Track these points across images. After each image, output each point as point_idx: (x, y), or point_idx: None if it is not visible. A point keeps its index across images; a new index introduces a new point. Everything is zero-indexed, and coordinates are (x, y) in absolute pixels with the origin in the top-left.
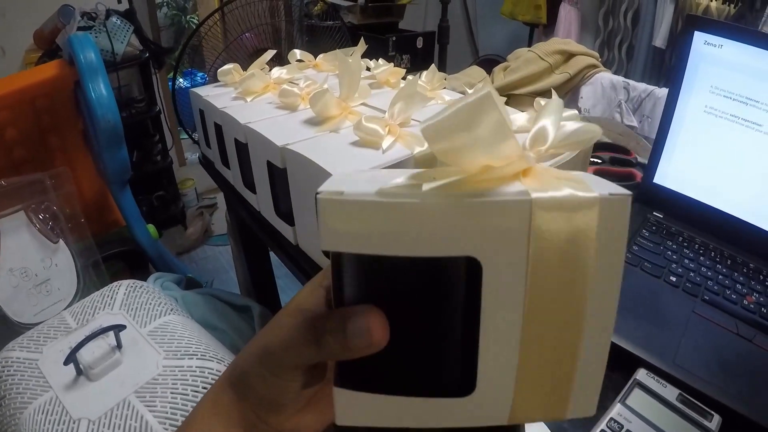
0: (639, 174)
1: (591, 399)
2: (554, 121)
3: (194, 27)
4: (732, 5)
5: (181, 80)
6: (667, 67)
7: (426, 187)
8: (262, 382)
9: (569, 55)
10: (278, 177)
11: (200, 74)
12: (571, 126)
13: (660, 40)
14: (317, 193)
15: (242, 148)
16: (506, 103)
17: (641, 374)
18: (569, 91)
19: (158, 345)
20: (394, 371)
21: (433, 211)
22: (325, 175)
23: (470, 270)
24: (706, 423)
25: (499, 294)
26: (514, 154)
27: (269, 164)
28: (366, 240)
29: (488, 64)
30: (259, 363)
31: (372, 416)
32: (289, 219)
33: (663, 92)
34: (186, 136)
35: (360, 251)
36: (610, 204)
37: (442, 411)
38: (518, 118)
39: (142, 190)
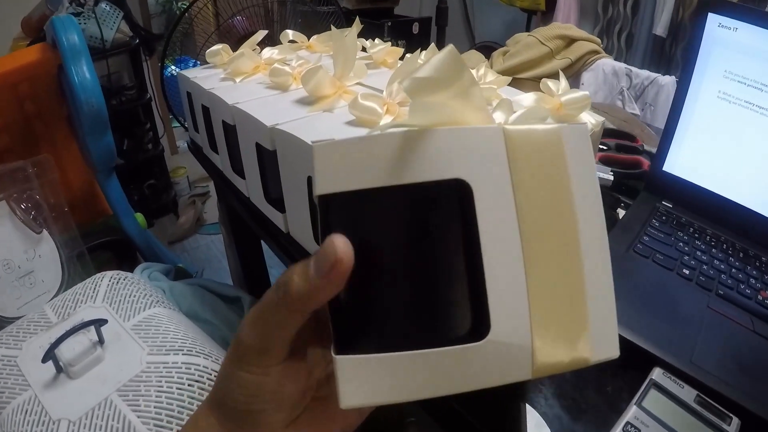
0: (646, 162)
1: (611, 338)
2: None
3: (186, 14)
4: None
5: (173, 67)
6: (668, 56)
7: (411, 120)
8: (239, 387)
9: (570, 41)
10: (268, 160)
11: (192, 61)
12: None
13: (661, 29)
14: (312, 142)
15: (230, 131)
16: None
17: (657, 374)
18: (570, 77)
19: (142, 340)
20: (399, 324)
21: (420, 138)
22: None
23: (460, 203)
24: (724, 426)
25: (493, 216)
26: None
27: (258, 147)
28: (361, 176)
29: (485, 51)
30: (230, 362)
31: (380, 389)
32: (279, 205)
33: (666, 80)
34: (178, 125)
35: (355, 188)
36: (571, 130)
37: (459, 368)
38: (524, 98)
39: (134, 178)
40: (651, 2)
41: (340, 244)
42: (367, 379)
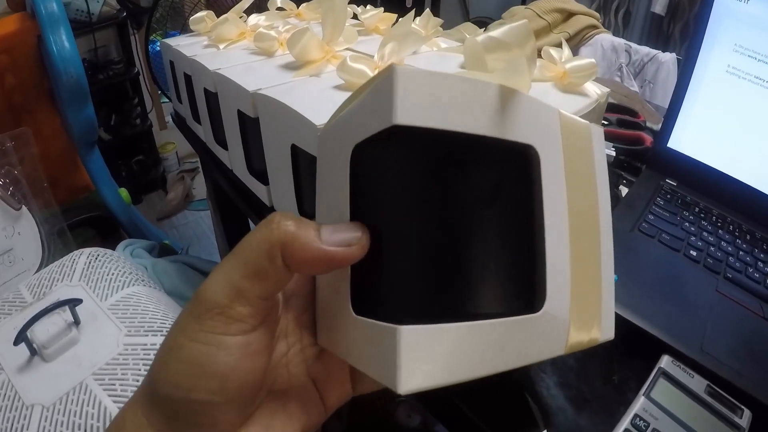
0: (648, 138)
1: (611, 320)
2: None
3: None
4: None
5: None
6: (666, 35)
7: (496, 77)
8: (182, 364)
9: (568, 14)
10: (250, 129)
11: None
12: None
13: (659, 7)
14: (395, 69)
15: (212, 99)
16: None
17: (666, 362)
18: None
19: (120, 321)
20: (461, 291)
21: (511, 96)
22: (304, 123)
23: (529, 170)
24: (736, 419)
25: (553, 189)
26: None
27: (240, 114)
28: (446, 116)
29: (480, 26)
30: (180, 333)
31: (440, 368)
32: (263, 178)
33: (667, 57)
34: (167, 100)
35: (436, 126)
36: (596, 128)
37: (511, 342)
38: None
39: (122, 154)
40: None
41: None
42: (429, 355)
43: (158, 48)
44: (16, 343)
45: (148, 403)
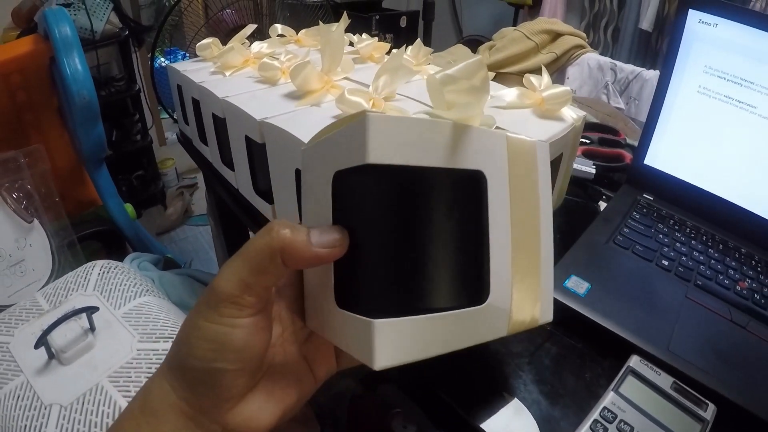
0: (628, 155)
1: (550, 305)
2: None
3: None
4: None
5: (162, 59)
6: (654, 51)
7: (450, 114)
8: (204, 341)
9: (556, 35)
10: (257, 153)
11: (182, 53)
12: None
13: (647, 23)
14: (365, 112)
15: (220, 124)
16: (493, 81)
17: (634, 361)
18: (556, 71)
19: (133, 327)
20: (420, 288)
21: (455, 134)
22: None
23: (477, 190)
24: (700, 412)
25: (497, 203)
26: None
27: (247, 139)
28: (406, 150)
29: (472, 44)
30: (199, 315)
31: (407, 349)
32: (268, 197)
33: (651, 74)
34: (166, 116)
35: (400, 162)
36: (543, 145)
37: (463, 328)
38: (507, 93)
39: (122, 169)
40: None
41: (339, 232)
42: (397, 340)
43: (161, 64)
44: (36, 346)
45: (172, 375)
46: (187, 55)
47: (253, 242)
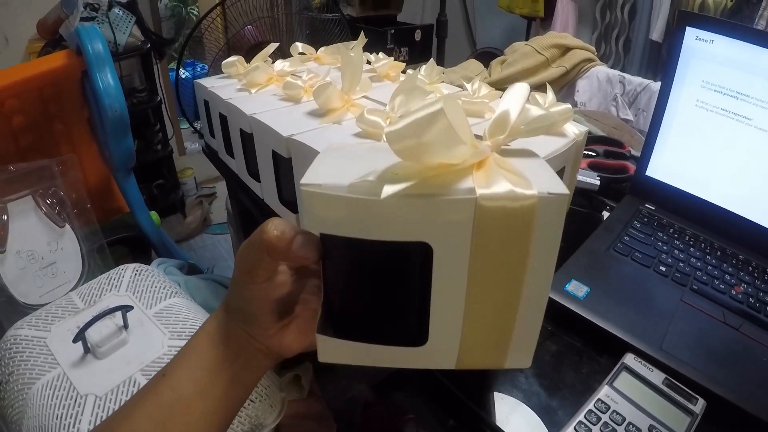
0: (632, 167)
1: (527, 354)
2: (514, 109)
3: (194, 18)
4: None
5: (182, 70)
6: (664, 61)
7: (387, 188)
8: (234, 293)
9: (566, 49)
10: (283, 166)
11: (200, 65)
12: (534, 112)
13: (657, 34)
14: (301, 184)
15: (247, 138)
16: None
17: (629, 358)
18: (565, 85)
19: (163, 326)
20: (365, 325)
21: (392, 208)
22: None
23: (424, 257)
24: (690, 406)
25: (447, 269)
26: (466, 155)
27: (274, 154)
28: (338, 224)
29: (486, 56)
30: (233, 278)
31: (346, 356)
32: (292, 207)
33: (658, 86)
34: (186, 126)
35: (334, 233)
36: (548, 201)
37: (402, 356)
38: None
39: (143, 178)
40: (647, 8)
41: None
42: (338, 351)
43: (182, 75)
44: (75, 341)
45: (232, 312)
46: (206, 66)
47: (253, 239)
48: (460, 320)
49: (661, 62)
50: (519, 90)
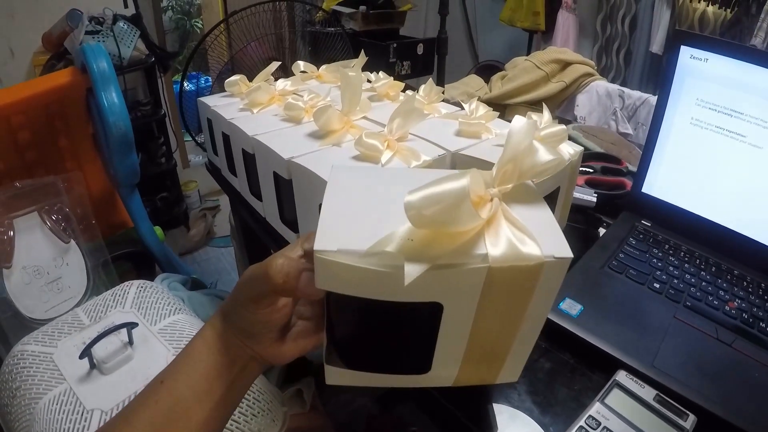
0: (629, 183)
1: (516, 372)
2: (522, 154)
3: (198, 31)
4: (728, 10)
5: (186, 83)
6: (665, 73)
7: (409, 269)
8: (236, 313)
9: (565, 64)
10: (284, 187)
11: (204, 77)
12: (543, 156)
13: (657, 46)
14: (315, 251)
15: (249, 158)
16: (503, 114)
17: (620, 375)
18: (565, 100)
19: (167, 342)
20: (371, 359)
21: (401, 278)
22: None
23: (436, 306)
24: (681, 422)
25: (454, 319)
26: (481, 224)
27: (275, 175)
28: (351, 287)
29: (488, 69)
30: (236, 298)
31: (352, 380)
32: (293, 226)
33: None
34: (190, 139)
35: (345, 293)
36: (553, 264)
37: (405, 380)
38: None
39: (146, 191)
40: (647, 21)
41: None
42: (344, 376)
43: (186, 88)
44: (81, 356)
45: (231, 325)
46: (209, 78)
47: (258, 276)
48: (461, 353)
49: (661, 75)
50: (524, 129)
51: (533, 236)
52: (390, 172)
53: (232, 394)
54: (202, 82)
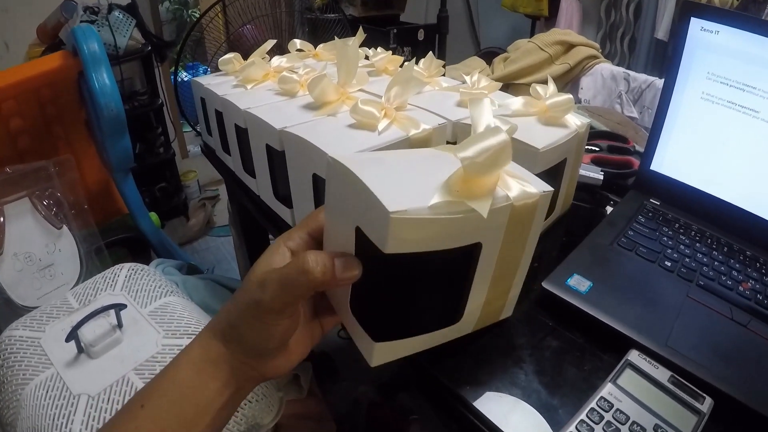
0: (636, 162)
1: (510, 308)
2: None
3: (196, 20)
4: None
5: (184, 73)
6: (670, 59)
7: (478, 206)
8: (252, 330)
9: (569, 46)
10: (277, 160)
11: (203, 67)
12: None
13: (662, 33)
14: (390, 212)
15: (242, 134)
16: (506, 92)
17: (633, 355)
18: (569, 82)
19: (158, 324)
20: (416, 321)
21: (465, 222)
22: (324, 156)
23: (477, 246)
24: (697, 405)
25: (487, 257)
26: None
27: (268, 148)
28: (419, 243)
29: (490, 56)
30: (250, 314)
31: (395, 353)
32: (287, 202)
33: (663, 83)
34: (189, 129)
35: (413, 251)
36: (545, 196)
37: (437, 336)
38: (513, 102)
39: (145, 181)
40: (653, 7)
41: (358, 267)
42: (388, 350)
43: (183, 79)
44: (67, 340)
45: (226, 341)
46: (209, 69)
47: (294, 278)
48: (485, 294)
49: (670, 48)
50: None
51: (529, 180)
52: (385, 153)
53: (222, 418)
54: (201, 71)
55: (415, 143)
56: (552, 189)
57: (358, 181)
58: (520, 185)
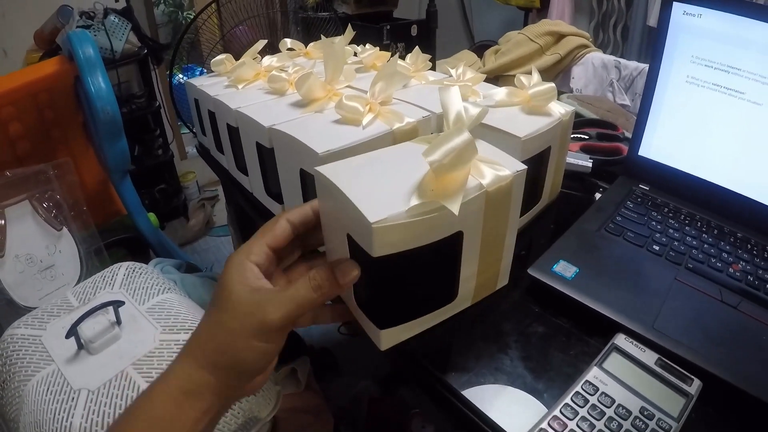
0: (626, 148)
1: (506, 275)
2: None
3: (189, 22)
4: None
5: (180, 76)
6: None
7: (450, 205)
8: (253, 352)
9: (559, 36)
10: (267, 157)
11: (199, 69)
12: (472, 111)
13: (654, 20)
14: (372, 223)
15: (234, 133)
16: (497, 85)
17: (619, 339)
18: (561, 72)
19: (156, 321)
20: (415, 306)
21: (442, 217)
22: (309, 152)
23: (459, 235)
24: (685, 387)
25: (470, 241)
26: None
27: (258, 145)
28: (402, 243)
29: (483, 50)
30: (252, 336)
31: (400, 336)
32: (278, 198)
33: None
34: (187, 131)
35: (398, 251)
36: (519, 175)
37: (438, 314)
38: (496, 93)
39: (145, 183)
40: None
41: (356, 268)
42: (394, 334)
43: (179, 81)
44: (67, 336)
45: (215, 369)
46: (204, 71)
47: (307, 296)
48: (476, 269)
49: (654, 33)
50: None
51: (500, 163)
52: (365, 157)
53: None
54: (197, 73)
55: (399, 136)
56: (525, 167)
57: (340, 192)
58: (494, 170)
